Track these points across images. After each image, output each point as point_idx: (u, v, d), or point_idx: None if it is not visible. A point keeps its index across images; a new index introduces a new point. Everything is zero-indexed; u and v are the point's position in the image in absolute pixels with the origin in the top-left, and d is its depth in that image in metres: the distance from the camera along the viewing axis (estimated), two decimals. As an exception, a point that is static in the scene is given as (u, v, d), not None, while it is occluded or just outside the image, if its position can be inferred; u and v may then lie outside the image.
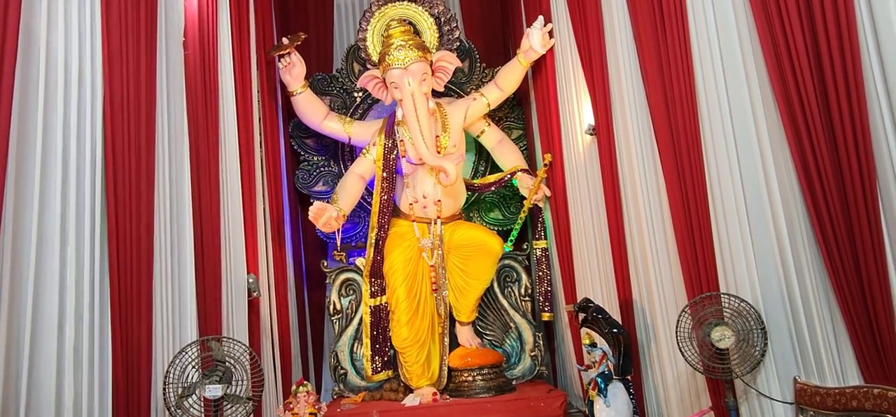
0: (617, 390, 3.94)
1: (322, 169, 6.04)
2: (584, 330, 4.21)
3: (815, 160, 2.62)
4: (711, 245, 3.30)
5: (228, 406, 2.76)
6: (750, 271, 3.12)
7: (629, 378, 4.00)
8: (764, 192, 3.00)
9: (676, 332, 3.18)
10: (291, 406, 4.06)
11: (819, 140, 2.59)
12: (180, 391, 2.68)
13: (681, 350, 3.16)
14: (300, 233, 6.03)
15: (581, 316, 4.25)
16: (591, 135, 4.58)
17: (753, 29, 2.91)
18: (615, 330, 3.99)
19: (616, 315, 4.32)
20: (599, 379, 4.01)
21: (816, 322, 2.78)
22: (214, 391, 2.66)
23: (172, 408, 2.66)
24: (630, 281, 4.19)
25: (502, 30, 6.88)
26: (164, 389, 2.66)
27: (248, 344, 2.95)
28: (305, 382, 4.17)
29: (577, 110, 4.84)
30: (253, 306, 4.30)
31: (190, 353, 2.75)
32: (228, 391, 2.75)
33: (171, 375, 2.69)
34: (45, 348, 2.18)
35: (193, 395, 2.70)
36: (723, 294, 3.18)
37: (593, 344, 4.11)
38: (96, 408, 2.44)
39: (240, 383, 2.85)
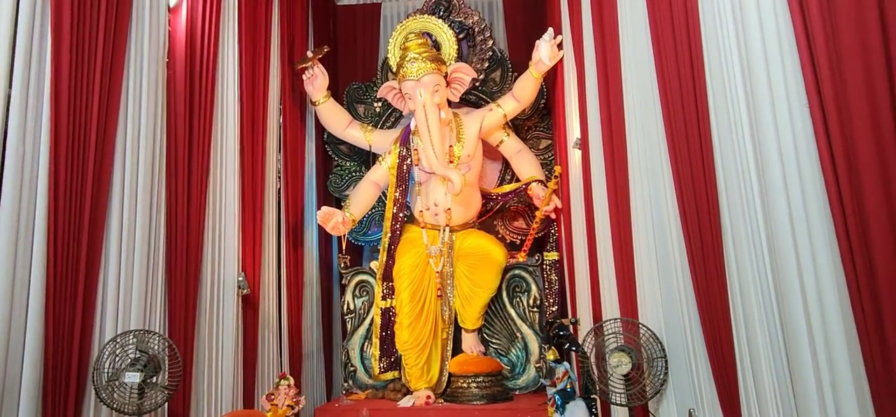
0: (576, 409, 3.90)
1: (354, 174, 6.34)
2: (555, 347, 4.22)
3: (692, 211, 2.63)
4: (632, 271, 3.26)
5: (148, 392, 3.11)
6: (655, 302, 3.06)
7: (594, 397, 3.97)
8: (668, 230, 2.97)
9: (581, 353, 3.17)
10: (272, 397, 4.38)
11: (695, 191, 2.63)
12: (107, 376, 3.05)
13: (585, 371, 3.14)
14: (332, 236, 6.32)
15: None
16: (577, 149, 4.56)
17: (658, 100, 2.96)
18: (575, 349, 3.98)
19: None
20: (557, 396, 4.00)
21: (700, 357, 2.71)
22: (133, 377, 3.01)
23: (101, 391, 3.04)
24: (600, 301, 4.15)
25: (543, 39, 6.85)
26: (93, 374, 3.05)
27: (188, 341, 3.28)
28: (287, 376, 4.47)
29: (575, 124, 4.82)
30: (247, 302, 4.67)
31: (119, 342, 3.12)
32: (149, 379, 3.10)
33: (102, 361, 3.06)
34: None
35: (117, 381, 3.06)
36: (621, 319, 3.14)
37: (558, 360, 4.11)
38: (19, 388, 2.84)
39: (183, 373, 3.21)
